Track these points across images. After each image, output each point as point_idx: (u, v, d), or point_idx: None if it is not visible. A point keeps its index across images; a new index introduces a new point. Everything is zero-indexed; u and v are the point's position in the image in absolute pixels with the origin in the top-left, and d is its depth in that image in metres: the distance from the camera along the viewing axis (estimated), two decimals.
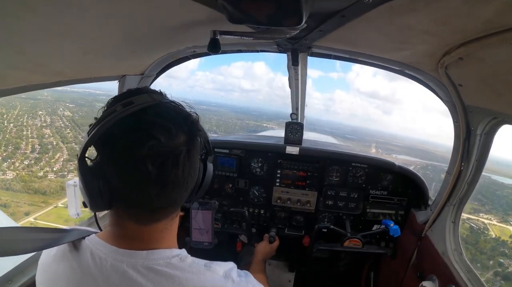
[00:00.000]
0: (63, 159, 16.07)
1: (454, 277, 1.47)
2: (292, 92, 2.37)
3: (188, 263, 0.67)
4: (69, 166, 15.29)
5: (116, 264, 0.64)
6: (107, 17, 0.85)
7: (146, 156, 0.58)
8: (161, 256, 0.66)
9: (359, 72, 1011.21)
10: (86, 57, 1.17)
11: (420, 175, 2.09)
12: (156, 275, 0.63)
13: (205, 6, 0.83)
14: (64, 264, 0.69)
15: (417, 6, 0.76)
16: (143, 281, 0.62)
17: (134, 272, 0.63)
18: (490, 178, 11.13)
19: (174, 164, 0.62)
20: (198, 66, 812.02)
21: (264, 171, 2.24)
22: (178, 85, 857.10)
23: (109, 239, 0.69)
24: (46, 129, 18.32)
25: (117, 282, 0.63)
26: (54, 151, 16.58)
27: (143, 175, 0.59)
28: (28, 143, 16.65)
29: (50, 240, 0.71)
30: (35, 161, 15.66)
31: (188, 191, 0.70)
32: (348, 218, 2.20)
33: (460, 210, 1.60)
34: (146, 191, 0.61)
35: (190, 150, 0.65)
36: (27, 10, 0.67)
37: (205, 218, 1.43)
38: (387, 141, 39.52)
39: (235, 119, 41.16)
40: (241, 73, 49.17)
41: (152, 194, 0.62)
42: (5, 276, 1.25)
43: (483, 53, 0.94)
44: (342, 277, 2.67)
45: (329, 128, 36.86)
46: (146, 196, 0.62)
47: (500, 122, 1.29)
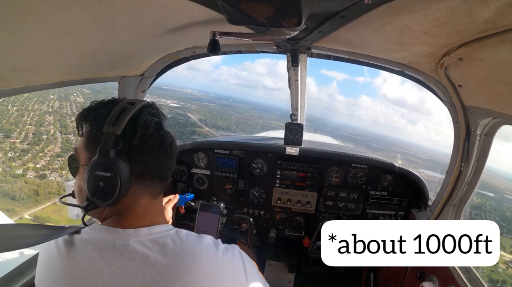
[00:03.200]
0: (52, 153, 15.08)
1: (454, 277, 1.46)
2: (292, 93, 2.37)
3: (183, 234, 0.75)
4: (55, 164, 14.34)
5: (123, 243, 0.69)
6: (107, 18, 0.85)
7: (163, 135, 0.75)
8: (160, 230, 0.73)
9: (387, 78, 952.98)
10: (86, 59, 1.17)
11: (420, 176, 2.09)
12: (159, 246, 0.69)
13: (204, 7, 0.83)
14: (66, 256, 0.70)
15: (416, 7, 0.76)
16: (149, 253, 0.68)
17: (141, 246, 0.68)
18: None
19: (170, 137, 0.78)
20: (222, 61, 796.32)
21: (264, 172, 2.24)
22: (202, 78, 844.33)
23: (111, 224, 0.74)
24: (50, 116, 17.51)
25: (126, 259, 0.67)
26: (47, 142, 15.65)
27: (164, 150, 0.76)
28: (23, 130, 15.69)
29: (49, 234, 0.73)
30: (20, 154, 14.73)
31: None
32: (348, 219, 2.20)
33: (460, 211, 1.60)
34: (167, 164, 0.77)
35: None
36: (27, 12, 0.67)
37: (211, 221, 1.43)
38: (412, 153, 37.57)
39: (256, 118, 40.40)
40: (265, 71, 48.37)
41: (168, 166, 0.78)
42: (5, 278, 1.25)
43: (482, 54, 0.94)
44: (342, 278, 2.67)
45: (353, 135, 36.04)
46: (167, 168, 0.78)
47: (499, 122, 1.29)
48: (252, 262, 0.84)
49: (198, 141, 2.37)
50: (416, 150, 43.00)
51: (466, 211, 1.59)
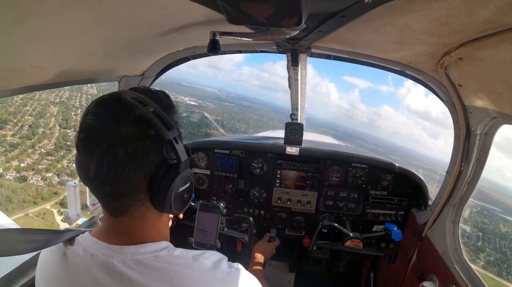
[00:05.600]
0: (42, 151, 13.53)
1: (455, 277, 1.46)
2: (292, 93, 2.37)
3: (175, 255, 0.68)
4: (42, 164, 12.54)
5: (106, 259, 0.65)
6: (106, 18, 0.85)
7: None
8: (149, 250, 0.67)
9: (411, 88, 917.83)
10: (86, 58, 1.17)
11: (420, 175, 2.09)
12: (145, 268, 0.64)
13: (204, 7, 0.83)
14: (60, 263, 0.70)
15: (416, 7, 0.76)
16: (132, 275, 0.63)
17: (123, 266, 0.64)
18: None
19: (112, 153, 0.60)
20: (244, 60, 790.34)
21: (264, 172, 2.24)
22: (223, 77, 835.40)
23: (101, 236, 0.70)
24: (55, 107, 16.27)
25: (108, 277, 0.64)
26: (41, 137, 14.19)
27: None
28: (19, 122, 14.32)
29: (45, 240, 0.72)
30: (6, 149, 13.09)
31: (138, 190, 0.66)
32: (348, 219, 2.20)
33: (460, 210, 1.60)
34: (99, 179, 0.62)
35: (129, 145, 0.61)
36: (26, 12, 0.67)
37: (211, 221, 1.42)
38: (432, 168, 35.85)
39: (276, 121, 39.35)
40: (286, 73, 48.58)
41: (101, 181, 0.62)
42: (5, 278, 1.25)
43: (482, 53, 0.94)
44: (342, 278, 2.67)
45: (374, 145, 35.20)
46: (101, 184, 0.63)
47: (499, 122, 1.29)
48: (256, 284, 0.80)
49: (198, 141, 2.37)
50: (437, 166, 41.33)
51: (466, 211, 1.59)
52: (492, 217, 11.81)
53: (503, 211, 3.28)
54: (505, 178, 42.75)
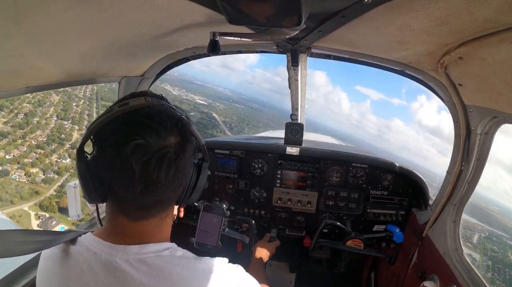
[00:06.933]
0: (32, 142, 12.36)
1: (455, 277, 1.46)
2: (292, 93, 2.37)
3: (178, 256, 0.70)
4: (30, 157, 11.00)
5: (110, 258, 0.66)
6: (106, 19, 0.85)
7: (131, 154, 0.61)
8: (152, 250, 0.69)
9: (424, 103, 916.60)
10: (86, 59, 1.17)
11: (420, 175, 2.09)
12: (147, 267, 0.66)
13: (204, 7, 0.83)
14: (61, 263, 0.71)
15: (416, 6, 0.76)
16: (135, 274, 0.64)
17: (126, 265, 0.65)
18: None
19: (158, 164, 0.64)
20: (257, 63, 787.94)
21: (264, 172, 2.24)
22: (236, 78, 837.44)
23: (104, 236, 0.71)
24: (57, 95, 15.20)
25: (111, 276, 0.65)
26: (34, 127, 13.17)
27: (128, 172, 0.62)
28: (16, 109, 13.09)
29: (46, 241, 0.72)
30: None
31: (176, 194, 0.74)
32: (348, 219, 2.20)
33: (461, 210, 1.60)
34: (132, 189, 0.64)
35: (179, 152, 0.67)
36: (26, 13, 0.67)
37: (214, 222, 1.42)
38: (439, 186, 35.85)
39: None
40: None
41: (136, 192, 0.64)
42: (5, 279, 1.25)
43: (483, 53, 0.94)
44: (343, 278, 2.67)
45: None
46: (132, 194, 0.65)
47: (500, 121, 1.29)
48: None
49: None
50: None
51: (467, 210, 1.59)
52: (500, 244, 11.19)
53: (511, 237, 3.17)
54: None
